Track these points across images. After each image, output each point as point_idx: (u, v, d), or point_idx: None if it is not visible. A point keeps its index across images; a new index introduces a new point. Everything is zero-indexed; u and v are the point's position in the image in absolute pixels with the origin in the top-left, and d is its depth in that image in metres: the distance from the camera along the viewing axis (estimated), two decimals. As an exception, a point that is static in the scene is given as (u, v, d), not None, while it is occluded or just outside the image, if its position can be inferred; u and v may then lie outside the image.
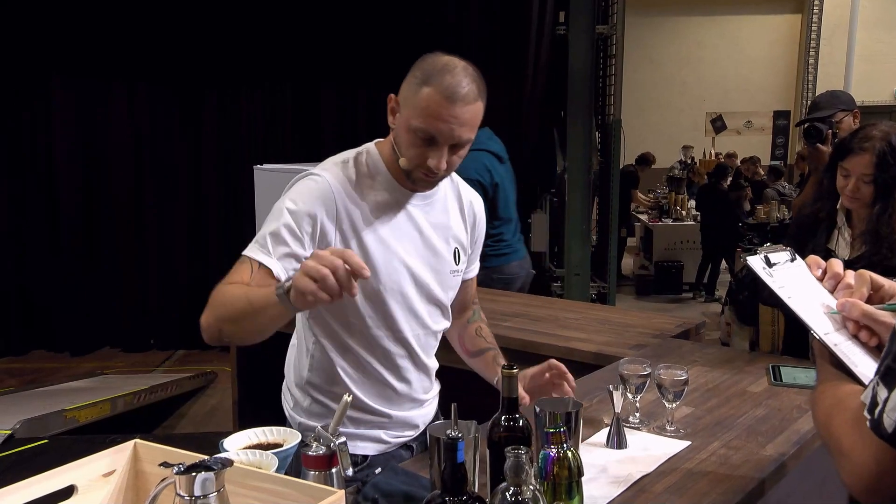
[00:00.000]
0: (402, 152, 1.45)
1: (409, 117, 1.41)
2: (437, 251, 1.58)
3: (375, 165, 1.53)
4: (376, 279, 1.49)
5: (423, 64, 1.43)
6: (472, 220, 1.67)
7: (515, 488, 1.02)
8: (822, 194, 2.19)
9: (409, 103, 1.42)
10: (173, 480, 0.91)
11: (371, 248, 1.48)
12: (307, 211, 1.44)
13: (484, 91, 1.44)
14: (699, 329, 2.74)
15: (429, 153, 1.42)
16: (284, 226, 1.43)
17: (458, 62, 1.42)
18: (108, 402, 4.59)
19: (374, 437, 1.61)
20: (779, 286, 1.07)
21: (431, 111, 1.38)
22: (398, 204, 1.52)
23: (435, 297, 1.60)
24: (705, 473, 1.47)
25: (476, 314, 1.81)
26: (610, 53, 6.16)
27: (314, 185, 1.46)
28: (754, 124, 12.24)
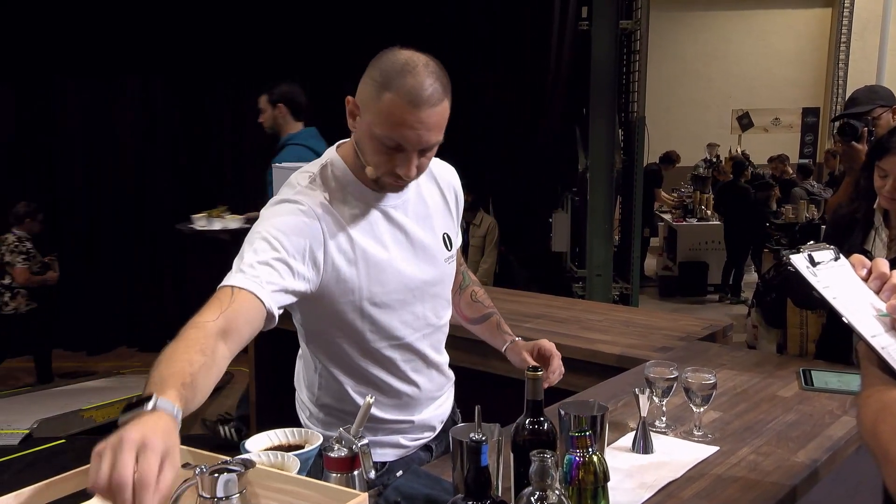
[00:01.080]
0: (367, 160, 1.37)
1: (372, 124, 1.32)
2: (427, 246, 1.52)
3: (343, 176, 1.44)
4: (373, 295, 1.44)
5: (380, 64, 1.33)
6: (452, 196, 1.60)
7: (541, 493, 1.02)
8: (859, 194, 2.16)
9: (371, 109, 1.32)
10: (196, 481, 0.92)
11: (361, 265, 1.42)
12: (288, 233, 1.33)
13: (449, 86, 1.34)
14: (727, 331, 2.72)
15: (396, 160, 1.34)
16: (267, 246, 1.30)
17: (418, 59, 1.32)
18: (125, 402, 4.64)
19: (393, 442, 1.60)
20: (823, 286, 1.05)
21: (395, 118, 1.29)
22: (374, 211, 1.45)
23: (435, 293, 1.55)
24: (735, 480, 1.45)
25: (466, 278, 1.75)
26: (634, 49, 6.13)
27: (288, 209, 1.36)
28: (782, 122, 12.10)
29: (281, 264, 1.30)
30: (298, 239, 1.33)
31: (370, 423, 1.49)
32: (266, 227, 1.33)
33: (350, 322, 1.45)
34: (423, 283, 1.52)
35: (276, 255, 1.30)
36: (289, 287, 1.31)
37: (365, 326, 1.47)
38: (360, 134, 1.38)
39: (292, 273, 1.32)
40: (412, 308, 1.51)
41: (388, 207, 1.47)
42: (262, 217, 1.39)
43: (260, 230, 1.34)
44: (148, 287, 6.15)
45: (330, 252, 1.38)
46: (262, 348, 3.66)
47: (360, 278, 1.42)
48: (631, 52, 6.18)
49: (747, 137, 11.90)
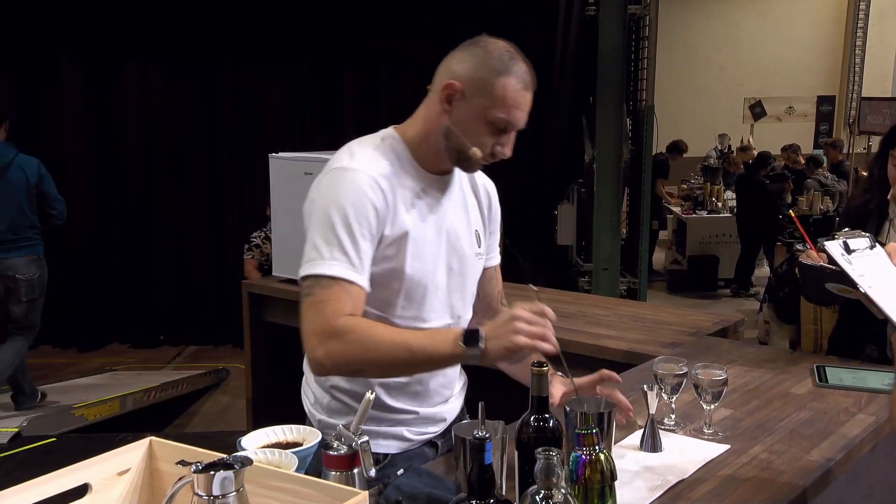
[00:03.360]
0: (474, 141, 1.47)
1: (486, 107, 1.44)
2: (461, 236, 1.60)
3: (402, 152, 1.53)
4: (418, 271, 1.51)
5: (486, 51, 1.45)
6: (486, 202, 1.69)
7: (546, 491, 1.02)
8: (872, 184, 2.15)
9: (484, 93, 1.43)
10: (191, 479, 0.92)
11: (408, 239, 1.49)
12: (366, 206, 1.43)
13: None
14: (737, 327, 2.72)
15: (499, 140, 1.48)
16: (355, 229, 1.41)
17: (512, 46, 1.48)
18: (118, 399, 4.65)
19: (397, 434, 1.61)
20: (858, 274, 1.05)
21: (513, 101, 1.44)
22: (424, 191, 1.54)
23: (465, 284, 1.63)
24: (746, 479, 1.46)
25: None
26: (642, 35, 6.12)
27: (359, 179, 1.44)
28: (796, 110, 12.07)
29: (364, 241, 1.42)
30: (368, 207, 1.43)
31: (374, 410, 1.51)
32: (340, 204, 1.42)
33: (383, 294, 1.50)
34: (456, 271, 1.59)
35: (362, 234, 1.42)
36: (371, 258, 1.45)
37: (396, 300, 1.52)
38: (464, 116, 1.46)
39: (373, 245, 1.45)
40: (445, 294, 1.58)
41: (435, 191, 1.55)
42: (330, 188, 1.45)
43: (334, 207, 1.42)
44: (140, 283, 6.16)
45: (387, 222, 1.47)
46: (259, 345, 3.67)
47: (406, 252, 1.49)
48: (639, 38, 6.16)
49: (760, 127, 11.87)
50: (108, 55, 5.93)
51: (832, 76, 11.91)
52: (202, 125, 6.10)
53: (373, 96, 6.03)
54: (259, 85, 6.07)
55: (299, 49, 5.96)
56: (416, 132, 1.53)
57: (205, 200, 6.15)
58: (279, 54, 5.98)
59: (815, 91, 11.98)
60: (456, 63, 1.47)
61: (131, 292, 6.13)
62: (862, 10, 11.30)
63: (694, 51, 11.53)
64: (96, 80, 5.99)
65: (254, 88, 6.08)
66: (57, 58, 5.89)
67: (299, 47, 5.95)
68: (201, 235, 6.19)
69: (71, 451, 3.83)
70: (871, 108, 8.95)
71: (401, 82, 5.95)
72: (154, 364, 5.76)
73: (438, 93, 1.47)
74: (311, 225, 1.44)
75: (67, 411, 4.49)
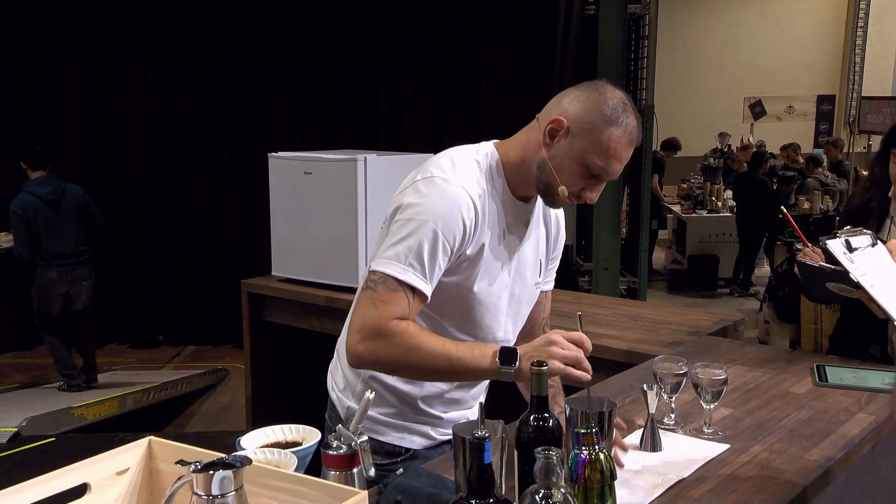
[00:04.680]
0: (564, 180, 1.47)
1: (588, 151, 1.44)
2: (528, 263, 1.63)
3: (497, 172, 1.54)
4: (483, 289, 1.53)
5: (603, 98, 1.44)
6: (555, 232, 1.72)
7: (546, 491, 1.02)
8: (873, 183, 2.16)
9: (590, 138, 1.44)
10: (190, 479, 0.92)
11: (486, 259, 1.52)
12: (457, 224, 1.44)
13: None
14: (737, 326, 2.72)
15: (589, 185, 1.49)
16: (437, 242, 1.43)
17: (628, 99, 1.48)
18: (117, 399, 4.65)
19: (423, 432, 1.66)
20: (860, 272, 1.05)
21: (616, 153, 1.44)
22: (507, 215, 1.55)
23: (520, 310, 1.66)
24: (746, 478, 1.46)
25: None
26: (642, 35, 6.11)
27: (457, 195, 1.45)
28: (796, 109, 12.08)
29: (444, 256, 1.45)
30: (458, 222, 1.44)
31: (406, 409, 1.60)
32: (429, 212, 1.43)
33: (445, 305, 1.53)
34: (517, 296, 1.62)
35: (444, 249, 1.44)
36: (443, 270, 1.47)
37: (457, 313, 1.55)
38: (564, 155, 1.47)
39: (449, 259, 1.47)
40: (502, 316, 1.60)
41: (517, 216, 1.57)
42: (431, 197, 1.44)
43: (423, 215, 1.43)
44: (140, 282, 6.15)
45: (471, 241, 1.49)
46: (258, 345, 3.67)
47: (477, 271, 1.52)
48: (639, 37, 6.16)
49: (760, 126, 11.88)
50: (107, 55, 5.93)
51: (832, 75, 11.91)
52: (202, 125, 6.09)
53: (373, 96, 6.03)
54: (259, 85, 6.07)
55: (299, 49, 5.96)
56: (514, 156, 1.53)
57: (205, 200, 6.15)
58: (279, 54, 5.97)
59: (816, 90, 11.99)
60: (568, 101, 1.47)
61: (131, 292, 6.13)
62: (862, 10, 11.31)
63: (694, 50, 11.54)
64: (96, 80, 5.99)
65: (254, 88, 6.07)
66: (56, 58, 5.89)
67: (299, 47, 5.94)
68: (201, 235, 6.19)
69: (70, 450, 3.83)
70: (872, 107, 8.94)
71: (401, 82, 5.95)
72: (153, 364, 5.76)
73: (544, 125, 1.48)
74: (400, 227, 1.44)
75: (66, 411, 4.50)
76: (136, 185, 6.11)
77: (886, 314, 0.96)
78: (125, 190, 6.08)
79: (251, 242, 5.83)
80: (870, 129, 8.58)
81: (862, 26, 11.35)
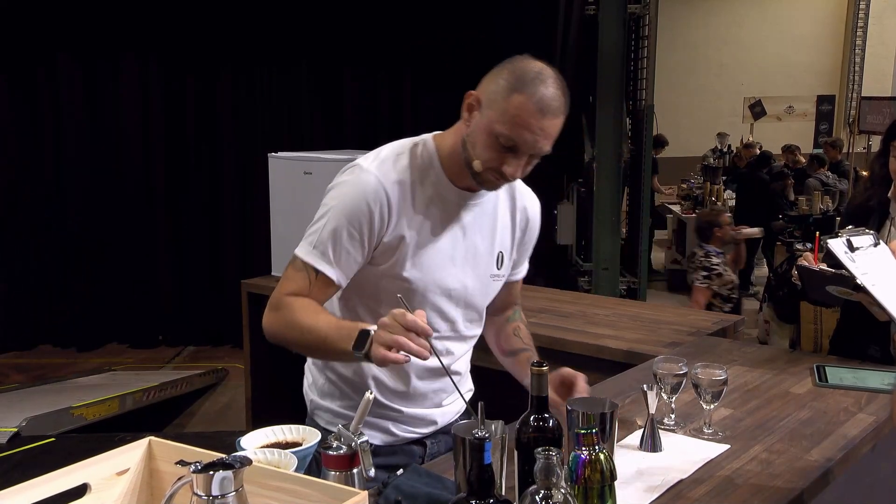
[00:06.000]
0: (478, 154, 1.45)
1: (494, 121, 1.42)
2: (480, 254, 1.60)
3: (430, 160, 1.54)
4: (417, 279, 1.52)
5: (514, 67, 1.43)
6: (523, 224, 1.68)
7: (546, 491, 1.02)
8: (874, 182, 2.15)
9: (496, 107, 1.42)
10: (190, 479, 0.92)
11: (415, 247, 1.51)
12: (362, 211, 1.46)
13: (569, 102, 1.46)
14: (738, 327, 2.72)
15: (506, 159, 1.44)
16: (342, 227, 1.46)
17: (549, 71, 1.43)
18: (117, 399, 4.65)
19: (382, 427, 1.64)
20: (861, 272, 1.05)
21: (521, 120, 1.39)
22: (447, 203, 1.54)
23: (471, 303, 1.62)
24: (746, 479, 1.46)
25: (516, 314, 1.81)
26: (642, 34, 6.12)
27: (367, 182, 1.48)
28: (796, 109, 12.07)
29: (353, 242, 1.47)
30: (366, 207, 1.46)
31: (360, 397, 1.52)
32: (338, 198, 1.49)
33: (380, 293, 1.53)
34: (465, 289, 1.59)
35: (351, 235, 1.47)
36: (357, 260, 1.50)
37: (392, 302, 1.51)
38: (476, 128, 1.45)
39: (362, 248, 1.49)
40: (448, 308, 1.58)
41: (459, 205, 1.55)
42: (342, 183, 1.51)
43: (333, 202, 1.49)
44: (139, 282, 6.15)
45: (386, 225, 1.49)
46: (258, 345, 3.67)
47: (405, 256, 1.51)
48: (639, 37, 6.16)
49: (760, 126, 11.87)
50: (107, 55, 5.93)
51: (832, 75, 11.91)
52: (202, 125, 6.09)
53: (373, 96, 6.03)
54: (259, 85, 6.07)
55: (299, 49, 5.95)
56: (449, 144, 1.53)
57: (205, 200, 6.14)
58: (279, 54, 5.97)
59: (815, 90, 11.99)
60: (486, 77, 1.47)
61: (130, 292, 6.12)
62: (862, 10, 11.30)
63: (694, 50, 11.54)
64: (95, 81, 5.98)
65: (254, 88, 6.07)
66: (55, 58, 5.88)
67: (299, 47, 5.94)
68: (201, 235, 6.18)
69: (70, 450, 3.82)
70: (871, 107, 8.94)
71: (401, 82, 5.95)
72: (153, 364, 5.76)
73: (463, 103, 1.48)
74: (318, 211, 1.52)
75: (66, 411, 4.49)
76: (136, 186, 6.10)
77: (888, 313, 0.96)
78: (125, 190, 6.08)
79: (251, 242, 5.82)
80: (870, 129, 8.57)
81: (862, 26, 11.35)
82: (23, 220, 6.01)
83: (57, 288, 6.12)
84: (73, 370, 5.61)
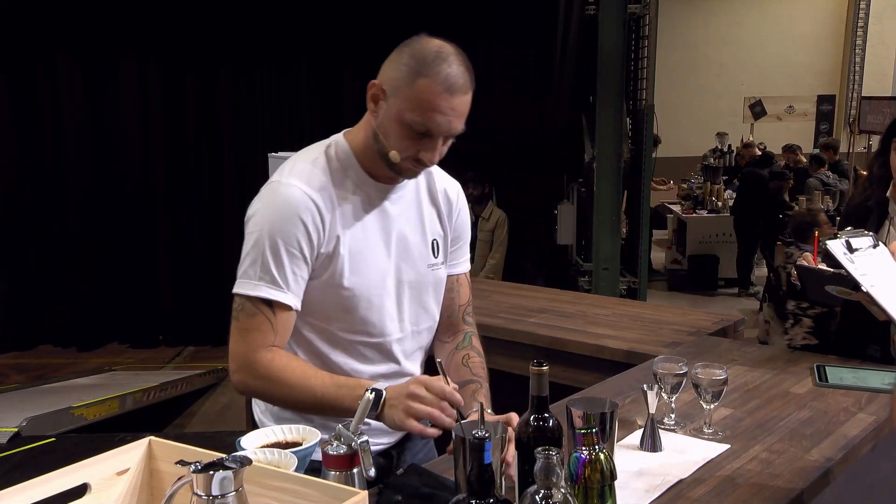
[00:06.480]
0: (392, 144, 1.40)
1: (402, 109, 1.37)
2: (412, 246, 1.55)
3: (346, 159, 1.49)
4: (358, 284, 1.47)
5: (412, 50, 1.38)
6: (447, 208, 1.62)
7: (546, 491, 1.02)
8: (872, 182, 2.15)
9: (401, 94, 1.37)
10: (190, 479, 0.92)
11: (350, 251, 1.46)
12: (295, 226, 1.40)
13: (473, 75, 1.40)
14: (738, 326, 2.72)
15: (422, 145, 1.39)
16: (279, 249, 1.40)
17: (449, 48, 1.38)
18: (117, 399, 4.65)
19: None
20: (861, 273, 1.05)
21: (430, 104, 1.35)
22: (370, 200, 1.49)
23: (419, 297, 1.57)
24: (746, 479, 1.46)
25: (467, 339, 1.70)
26: (642, 34, 6.11)
27: (291, 195, 1.41)
28: (796, 109, 12.07)
29: (295, 261, 1.41)
30: (296, 222, 1.40)
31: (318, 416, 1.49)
32: (266, 223, 1.41)
33: (324, 307, 1.48)
34: (405, 283, 1.54)
35: (291, 255, 1.40)
36: (304, 277, 1.44)
37: (339, 314, 1.49)
38: (386, 118, 1.41)
39: (306, 264, 1.43)
40: (390, 305, 1.53)
41: (382, 198, 1.50)
42: (264, 205, 1.44)
43: (261, 226, 1.42)
44: (139, 282, 6.15)
45: (323, 239, 1.44)
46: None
47: (343, 264, 1.45)
48: (639, 37, 6.16)
49: (760, 126, 11.87)
50: (107, 55, 5.93)
51: (832, 75, 11.91)
52: (202, 125, 6.09)
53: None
54: (259, 84, 6.07)
55: (299, 49, 5.95)
56: (360, 138, 1.48)
57: (205, 200, 6.14)
58: (279, 54, 5.97)
59: (816, 90, 11.99)
60: (386, 64, 1.42)
61: (130, 292, 6.12)
62: (862, 10, 11.30)
63: (694, 49, 11.54)
64: (95, 81, 5.98)
65: (253, 88, 6.07)
66: (55, 58, 5.88)
67: (299, 47, 5.94)
68: (201, 235, 6.18)
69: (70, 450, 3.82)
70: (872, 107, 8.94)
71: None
72: (153, 364, 5.76)
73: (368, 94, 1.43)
74: (246, 241, 1.44)
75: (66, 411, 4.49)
76: (136, 186, 6.10)
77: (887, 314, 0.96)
78: (125, 190, 6.08)
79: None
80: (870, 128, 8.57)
81: (862, 26, 11.35)
82: (23, 220, 6.01)
83: (57, 288, 6.12)
84: (73, 370, 5.61)
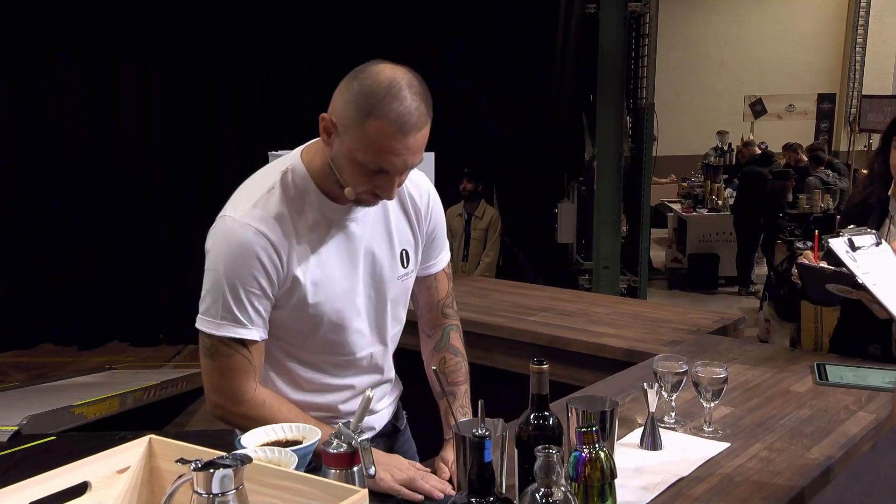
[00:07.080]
0: (346, 180, 1.34)
1: (354, 149, 1.30)
2: (380, 261, 1.51)
3: (303, 184, 1.42)
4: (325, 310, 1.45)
5: (361, 86, 1.29)
6: (417, 214, 1.56)
7: (546, 489, 1.02)
8: (873, 180, 2.14)
9: (352, 134, 1.29)
10: (191, 477, 0.92)
11: (314, 279, 1.42)
12: (253, 266, 1.37)
13: (430, 101, 1.33)
14: (738, 325, 2.72)
15: (377, 182, 1.33)
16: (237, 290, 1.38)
17: (401, 78, 1.29)
18: (117, 397, 4.65)
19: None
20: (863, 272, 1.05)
21: (382, 146, 1.28)
22: (332, 224, 1.44)
23: (393, 310, 1.56)
24: (746, 477, 1.46)
25: (445, 336, 1.66)
26: (643, 33, 6.11)
27: (245, 236, 1.37)
28: (797, 108, 12.06)
29: (255, 298, 1.39)
30: (256, 269, 1.37)
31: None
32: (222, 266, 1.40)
33: (292, 332, 1.46)
34: (374, 302, 1.52)
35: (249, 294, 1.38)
36: (267, 309, 1.42)
37: (307, 340, 1.48)
38: (339, 153, 1.34)
39: (268, 298, 1.41)
40: (363, 322, 1.51)
41: (345, 220, 1.45)
42: (217, 244, 1.42)
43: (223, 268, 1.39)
44: (140, 281, 6.15)
45: (281, 269, 1.40)
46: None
47: (306, 292, 1.42)
48: (640, 35, 6.16)
49: (760, 124, 11.87)
50: (107, 55, 5.93)
51: (833, 74, 11.90)
52: (202, 124, 6.09)
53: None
54: (259, 84, 6.07)
55: (299, 48, 5.95)
56: (318, 162, 1.42)
57: (204, 199, 6.14)
58: (279, 53, 5.97)
59: (816, 89, 11.98)
60: (336, 94, 1.34)
61: (131, 291, 6.12)
62: (863, 8, 11.29)
63: (694, 48, 11.53)
64: (95, 81, 5.98)
65: (253, 88, 6.07)
66: (55, 58, 5.88)
67: (299, 47, 5.94)
68: (201, 234, 6.13)
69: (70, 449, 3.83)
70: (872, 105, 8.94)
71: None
72: (154, 362, 5.76)
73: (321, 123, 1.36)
74: (205, 276, 1.43)
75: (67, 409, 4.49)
76: (136, 186, 6.10)
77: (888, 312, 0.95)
78: (125, 190, 6.08)
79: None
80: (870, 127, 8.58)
81: (862, 25, 11.34)
82: (23, 220, 6.02)
83: (57, 287, 6.12)
84: (73, 369, 5.61)
